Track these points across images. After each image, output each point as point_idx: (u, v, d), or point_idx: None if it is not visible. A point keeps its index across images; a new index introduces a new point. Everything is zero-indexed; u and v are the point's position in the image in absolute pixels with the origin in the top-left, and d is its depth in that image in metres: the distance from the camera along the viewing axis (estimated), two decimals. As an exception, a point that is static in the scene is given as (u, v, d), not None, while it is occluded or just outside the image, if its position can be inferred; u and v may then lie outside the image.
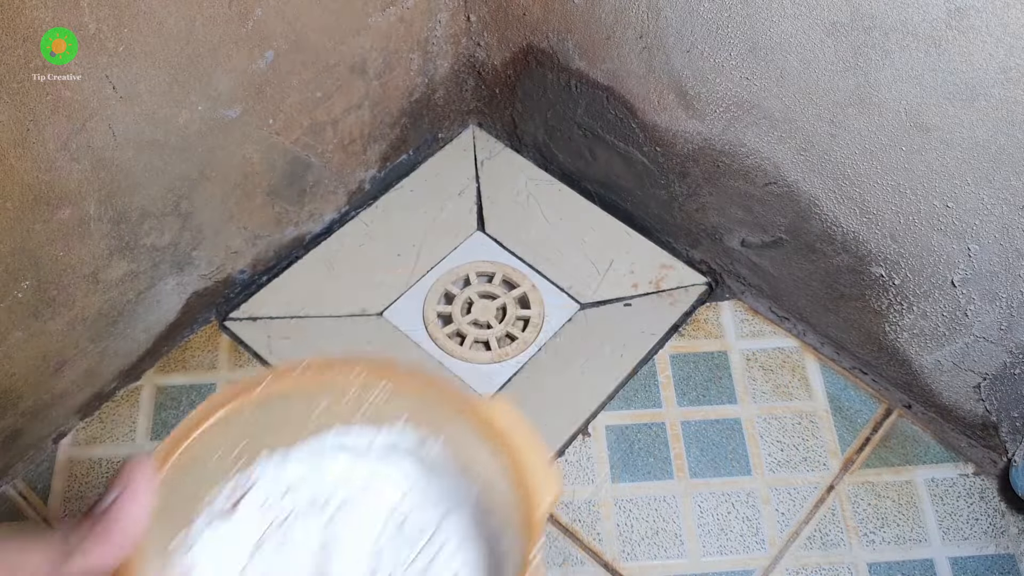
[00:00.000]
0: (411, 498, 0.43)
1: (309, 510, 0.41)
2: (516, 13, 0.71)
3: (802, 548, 0.65)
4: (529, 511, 0.38)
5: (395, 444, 0.42)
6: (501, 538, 0.41)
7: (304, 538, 0.41)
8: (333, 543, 0.41)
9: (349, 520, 0.42)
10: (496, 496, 0.40)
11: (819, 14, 0.53)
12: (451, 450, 0.42)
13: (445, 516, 0.42)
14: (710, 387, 0.72)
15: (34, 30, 0.46)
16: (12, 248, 0.54)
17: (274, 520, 0.41)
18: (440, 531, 0.42)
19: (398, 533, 0.42)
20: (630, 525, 0.66)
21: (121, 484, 0.32)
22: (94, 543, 0.31)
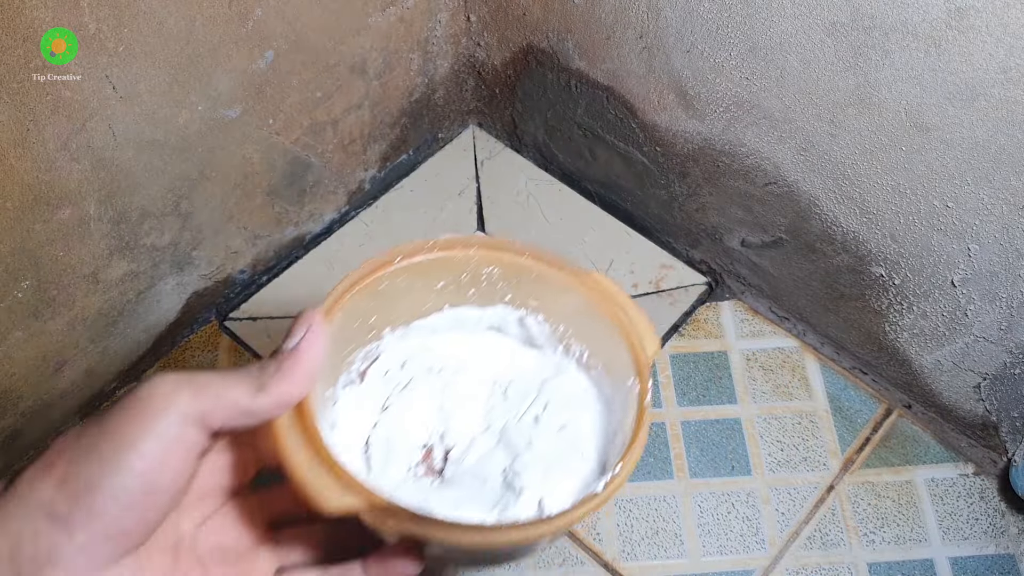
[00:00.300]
0: (512, 369, 0.48)
1: (426, 378, 0.46)
2: (516, 13, 0.71)
3: (802, 548, 0.65)
4: (637, 360, 0.43)
5: (499, 323, 0.47)
6: (605, 388, 0.46)
7: (424, 401, 0.46)
8: (449, 405, 0.46)
9: (461, 386, 0.47)
10: (600, 352, 0.46)
11: (819, 14, 0.53)
12: (551, 322, 0.47)
13: (545, 382, 0.48)
14: (710, 387, 0.72)
15: (34, 30, 0.46)
16: (12, 248, 0.54)
17: (396, 386, 0.46)
18: (543, 394, 0.47)
19: (504, 398, 0.47)
20: (630, 525, 0.66)
21: (302, 328, 0.36)
22: (281, 380, 0.35)
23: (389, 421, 0.45)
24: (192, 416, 0.32)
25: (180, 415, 0.32)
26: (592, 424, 0.46)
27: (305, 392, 0.36)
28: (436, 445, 0.46)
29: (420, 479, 0.45)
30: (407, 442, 0.46)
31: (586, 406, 0.47)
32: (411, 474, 0.45)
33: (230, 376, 0.34)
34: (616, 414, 0.45)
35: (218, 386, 0.33)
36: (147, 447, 0.31)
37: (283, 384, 0.35)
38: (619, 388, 0.45)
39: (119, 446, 0.31)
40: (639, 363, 0.42)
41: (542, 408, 0.47)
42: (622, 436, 0.43)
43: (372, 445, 0.45)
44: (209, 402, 0.33)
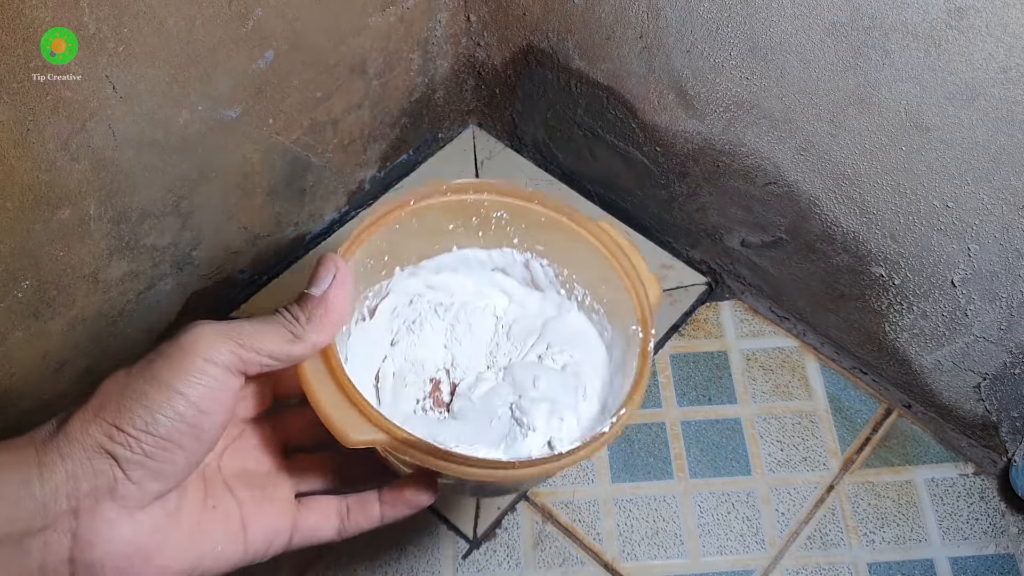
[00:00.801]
0: (516, 308, 0.50)
1: (433, 316, 0.48)
2: (516, 13, 0.71)
3: (802, 548, 0.65)
4: (639, 306, 0.44)
5: (504, 265, 0.48)
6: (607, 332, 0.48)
7: (431, 337, 0.48)
8: (455, 342, 0.48)
9: (466, 324, 0.48)
10: (603, 297, 0.47)
11: (819, 14, 0.53)
12: (555, 267, 0.48)
13: (547, 323, 0.49)
14: (710, 387, 0.72)
15: (34, 30, 0.46)
16: (12, 248, 0.54)
17: (404, 322, 0.48)
18: (545, 334, 0.49)
19: (507, 337, 0.49)
20: (630, 525, 0.66)
21: (327, 275, 0.39)
22: (313, 330, 0.38)
23: (398, 356, 0.47)
24: (232, 365, 0.35)
25: (222, 364, 0.35)
26: (593, 365, 0.48)
27: (334, 337, 0.39)
28: (443, 379, 0.48)
29: (428, 413, 0.47)
30: (415, 376, 0.47)
31: (587, 347, 0.49)
32: (420, 407, 0.47)
33: (265, 326, 0.37)
34: (617, 358, 0.47)
35: (254, 337, 0.36)
36: (193, 394, 0.34)
37: (315, 334, 0.38)
38: (620, 333, 0.46)
39: (167, 394, 0.34)
40: (642, 309, 0.44)
41: (545, 348, 0.49)
42: (621, 379, 0.45)
43: (382, 378, 0.47)
44: (247, 352, 0.36)
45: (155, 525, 0.35)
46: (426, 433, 0.43)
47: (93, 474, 0.33)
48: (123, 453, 0.34)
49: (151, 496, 0.35)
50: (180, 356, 0.35)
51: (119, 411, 0.34)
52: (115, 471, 0.34)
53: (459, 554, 0.65)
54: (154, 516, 0.36)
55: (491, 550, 0.65)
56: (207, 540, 0.38)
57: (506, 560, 0.64)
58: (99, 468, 0.33)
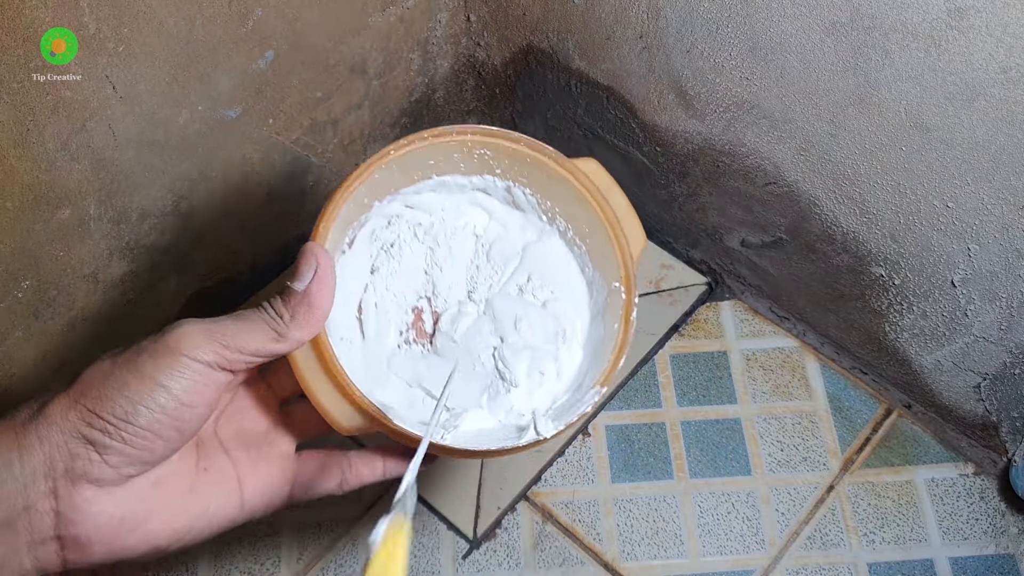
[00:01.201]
0: (496, 227, 0.49)
1: (411, 240, 0.47)
2: (516, 13, 0.71)
3: (802, 548, 0.65)
4: (623, 259, 0.45)
5: (485, 187, 0.47)
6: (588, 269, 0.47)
7: (410, 262, 0.47)
8: (434, 267, 0.48)
9: (446, 247, 0.48)
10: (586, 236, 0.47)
11: (819, 14, 0.53)
12: (537, 196, 0.47)
13: (528, 247, 0.48)
14: (710, 387, 0.72)
15: (34, 30, 0.46)
16: (12, 248, 0.54)
17: (383, 246, 0.47)
18: (526, 261, 0.48)
19: (487, 259, 0.48)
20: (630, 525, 0.66)
21: (308, 269, 0.38)
22: (298, 326, 0.38)
23: (378, 283, 0.47)
24: (217, 363, 0.36)
25: (206, 363, 0.36)
26: (575, 305, 0.48)
27: (319, 330, 0.39)
28: (425, 308, 0.48)
29: (412, 346, 0.47)
30: (396, 305, 0.47)
31: (568, 282, 0.48)
32: (403, 339, 0.47)
33: (249, 325, 0.37)
34: (598, 303, 0.47)
35: (239, 336, 0.36)
36: (176, 387, 0.35)
37: (298, 331, 0.38)
38: (603, 282, 0.46)
39: (150, 386, 0.35)
40: (625, 266, 0.45)
41: (526, 279, 0.48)
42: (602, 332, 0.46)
43: (364, 310, 0.46)
44: (231, 353, 0.36)
45: (138, 496, 0.36)
46: (411, 374, 0.45)
47: (69, 456, 0.34)
48: (101, 439, 0.34)
49: (128, 476, 0.36)
50: (165, 353, 0.35)
51: (100, 399, 0.34)
52: (91, 454, 0.34)
53: (459, 554, 0.65)
54: (136, 489, 0.36)
55: (491, 550, 0.65)
56: (198, 503, 0.39)
57: (506, 560, 0.64)
58: (75, 451, 0.34)
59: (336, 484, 0.43)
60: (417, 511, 0.66)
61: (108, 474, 0.35)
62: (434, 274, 0.48)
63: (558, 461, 0.68)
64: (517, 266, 0.49)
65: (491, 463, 0.67)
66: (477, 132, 0.44)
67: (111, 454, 0.35)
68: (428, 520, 0.66)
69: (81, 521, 0.35)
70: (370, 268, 0.47)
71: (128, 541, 0.36)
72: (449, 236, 0.48)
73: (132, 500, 0.36)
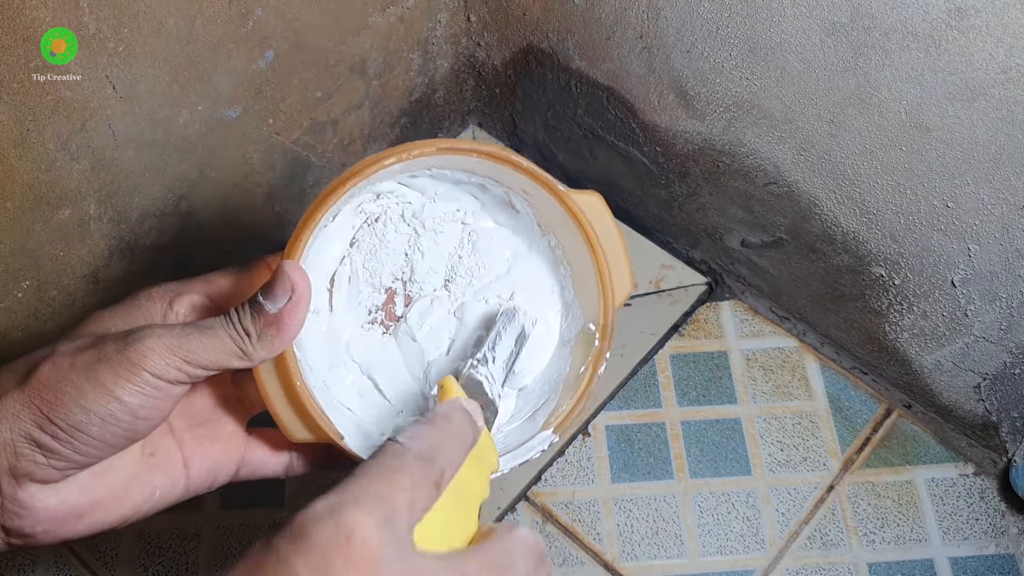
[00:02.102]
0: (486, 219, 0.47)
1: (399, 219, 0.46)
2: (516, 13, 0.71)
3: (802, 548, 0.65)
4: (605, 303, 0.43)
5: (483, 183, 0.45)
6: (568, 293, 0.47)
7: (393, 242, 0.46)
8: (415, 252, 0.47)
9: (431, 232, 0.47)
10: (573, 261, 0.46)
11: (819, 14, 0.53)
12: (535, 209, 0.46)
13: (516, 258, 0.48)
14: (710, 387, 0.72)
15: (34, 30, 0.46)
16: (12, 248, 0.54)
17: (367, 219, 0.46)
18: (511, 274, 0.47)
19: (473, 251, 0.47)
20: (630, 525, 0.66)
21: (284, 293, 0.37)
22: (264, 347, 0.37)
23: (356, 258, 0.46)
24: (175, 378, 0.35)
25: (167, 379, 0.35)
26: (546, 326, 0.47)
27: (284, 348, 0.38)
28: (399, 290, 0.47)
29: (374, 330, 0.47)
30: (370, 284, 0.46)
31: (545, 300, 0.47)
32: (371, 319, 0.47)
33: (213, 341, 0.36)
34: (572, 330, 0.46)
35: (202, 353, 0.36)
36: (133, 402, 0.34)
37: (264, 352, 0.37)
38: (580, 313, 0.46)
39: (106, 399, 0.34)
40: (606, 312, 0.44)
41: (509, 295, 0.47)
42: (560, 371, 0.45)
43: (337, 281, 0.45)
44: (194, 369, 0.36)
45: (82, 489, 0.36)
46: (366, 361, 0.45)
47: (15, 455, 0.34)
48: (50, 443, 0.34)
49: (72, 473, 0.36)
50: (127, 367, 0.34)
51: (54, 404, 0.34)
52: (37, 456, 0.34)
53: (459, 554, 0.65)
54: (80, 481, 0.36)
55: (491, 550, 0.65)
56: (144, 488, 0.38)
57: (506, 560, 0.64)
58: (21, 451, 0.34)
59: (283, 468, 0.43)
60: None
61: (52, 475, 0.35)
62: (414, 258, 0.47)
63: (558, 461, 0.68)
64: (503, 275, 0.48)
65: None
66: (483, 153, 0.42)
67: (58, 459, 0.34)
68: (428, 520, 0.66)
69: (25, 514, 0.35)
70: (350, 239, 0.46)
71: (74, 528, 0.36)
72: (437, 221, 0.47)
73: (75, 493, 0.36)
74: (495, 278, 0.47)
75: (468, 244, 0.47)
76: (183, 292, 0.40)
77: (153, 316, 0.40)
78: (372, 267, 0.46)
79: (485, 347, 0.39)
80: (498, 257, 0.48)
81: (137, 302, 0.40)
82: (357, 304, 0.46)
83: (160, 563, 0.64)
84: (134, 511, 0.38)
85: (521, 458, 0.42)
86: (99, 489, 0.37)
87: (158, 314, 0.40)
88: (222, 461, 0.41)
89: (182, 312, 0.40)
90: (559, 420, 0.43)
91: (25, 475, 0.34)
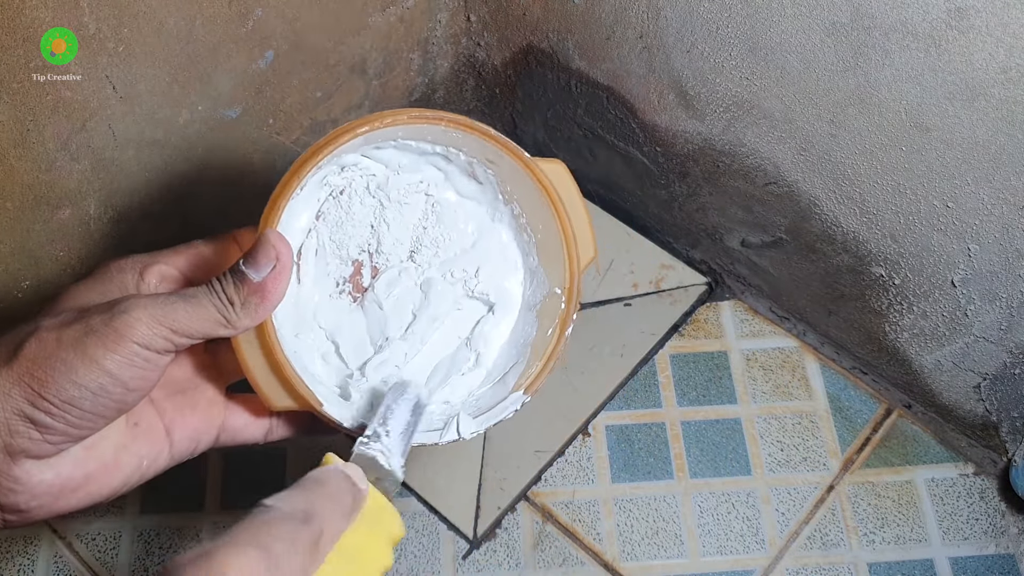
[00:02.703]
0: (451, 190, 0.48)
1: (364, 191, 0.47)
2: (516, 13, 0.71)
3: (802, 548, 0.65)
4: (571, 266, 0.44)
5: (447, 153, 0.46)
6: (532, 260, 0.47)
7: (359, 214, 0.47)
8: (382, 224, 0.47)
9: (396, 204, 0.47)
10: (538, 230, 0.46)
11: (819, 14, 0.53)
12: (498, 178, 0.46)
13: (481, 233, 0.48)
14: (710, 387, 0.72)
15: (34, 30, 0.46)
16: (12, 248, 0.54)
17: (333, 192, 0.46)
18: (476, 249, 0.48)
19: (438, 222, 0.48)
20: (630, 525, 0.66)
21: (268, 261, 0.38)
22: (248, 315, 0.37)
23: (322, 231, 0.46)
24: (163, 348, 0.36)
25: (155, 349, 0.36)
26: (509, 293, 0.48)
27: (267, 317, 0.39)
28: (366, 262, 0.48)
29: (342, 299, 0.47)
30: (337, 256, 0.47)
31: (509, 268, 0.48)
32: (339, 290, 0.47)
33: (198, 309, 0.37)
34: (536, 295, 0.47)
35: (187, 322, 0.36)
36: (123, 375, 0.35)
37: (247, 320, 0.38)
38: (545, 279, 0.46)
39: (96, 372, 0.34)
40: (572, 274, 0.45)
41: (474, 270, 0.48)
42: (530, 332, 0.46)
43: (304, 254, 0.46)
44: (179, 337, 0.36)
45: (75, 462, 0.36)
46: (333, 327, 0.46)
47: (9, 433, 0.34)
48: (44, 419, 0.34)
49: (65, 447, 0.36)
50: (114, 339, 0.34)
51: (45, 381, 0.34)
52: (32, 433, 0.34)
53: (459, 554, 0.65)
54: (73, 455, 0.36)
55: (491, 550, 0.65)
56: (133, 459, 0.39)
57: (506, 560, 0.64)
58: (15, 429, 0.34)
59: (262, 434, 0.43)
60: (417, 511, 0.66)
61: (47, 450, 0.35)
62: (380, 230, 0.48)
63: (558, 461, 0.68)
64: (468, 248, 0.48)
65: (491, 463, 0.67)
66: (452, 121, 0.44)
67: (52, 434, 0.35)
68: (428, 520, 0.66)
69: (21, 490, 0.35)
70: (316, 213, 0.46)
71: (68, 502, 0.37)
72: (401, 193, 0.47)
73: (69, 466, 0.36)
74: (460, 251, 0.48)
75: (433, 216, 0.48)
76: (152, 263, 0.41)
77: (127, 287, 0.40)
78: (339, 239, 0.47)
79: (375, 423, 0.40)
80: (463, 228, 0.48)
81: (109, 274, 0.40)
82: (325, 275, 0.47)
83: (160, 563, 0.64)
84: (124, 482, 0.39)
85: (493, 419, 0.43)
86: (91, 461, 0.37)
87: (131, 285, 0.40)
88: (202, 428, 0.42)
89: (153, 283, 0.40)
90: (529, 381, 0.44)
91: (21, 452, 0.34)
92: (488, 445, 0.68)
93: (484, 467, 0.67)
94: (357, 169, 0.46)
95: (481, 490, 0.67)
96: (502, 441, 0.68)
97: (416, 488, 0.67)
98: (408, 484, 0.67)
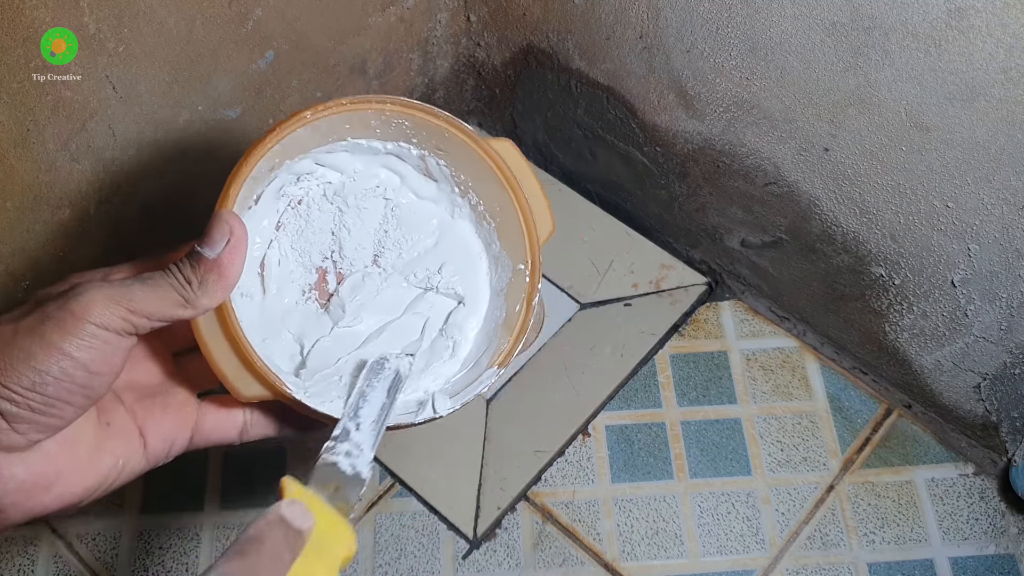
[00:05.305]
0: (407, 191, 0.49)
1: (321, 199, 0.47)
2: (516, 13, 0.71)
3: (802, 548, 0.65)
4: (529, 241, 0.45)
5: (399, 152, 0.47)
6: (495, 247, 0.48)
7: (318, 222, 0.47)
8: (342, 229, 0.48)
9: (355, 208, 0.48)
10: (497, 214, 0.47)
11: (819, 14, 0.53)
12: (452, 168, 0.47)
13: (442, 229, 0.49)
14: (710, 387, 0.72)
15: (34, 30, 0.46)
16: (12, 248, 0.54)
17: (290, 202, 0.47)
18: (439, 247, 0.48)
19: (398, 225, 0.48)
20: (630, 525, 0.66)
21: (222, 237, 0.38)
22: (206, 293, 0.38)
23: (283, 241, 0.47)
24: (123, 329, 0.36)
25: (113, 329, 0.35)
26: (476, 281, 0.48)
27: (226, 298, 0.39)
28: (330, 269, 0.48)
29: (309, 305, 0.47)
30: (300, 264, 0.47)
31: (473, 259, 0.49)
32: (305, 298, 0.47)
33: (155, 291, 0.37)
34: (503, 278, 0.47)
35: (144, 302, 0.36)
36: (83, 357, 0.35)
37: (206, 299, 0.38)
38: (508, 260, 0.47)
39: (56, 356, 0.34)
40: (531, 246, 0.45)
41: (437, 267, 0.48)
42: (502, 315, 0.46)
43: (267, 266, 0.46)
44: (137, 318, 0.36)
45: (47, 457, 0.36)
46: (300, 330, 0.46)
47: None
48: (8, 408, 0.34)
49: (36, 440, 0.36)
50: (71, 321, 0.34)
51: (4, 370, 0.34)
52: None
53: (459, 554, 0.65)
54: (45, 450, 0.36)
55: (491, 550, 0.65)
56: (108, 458, 0.39)
57: (506, 560, 0.64)
58: None
59: (236, 432, 0.43)
60: (417, 511, 0.66)
61: (17, 441, 0.35)
62: (341, 236, 0.48)
63: (558, 461, 0.68)
64: (431, 248, 0.49)
65: (491, 463, 0.67)
66: (396, 103, 0.44)
67: (19, 422, 0.34)
68: (428, 520, 0.66)
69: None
70: (276, 224, 0.47)
71: (42, 501, 0.36)
72: (359, 198, 0.48)
73: (41, 462, 0.36)
74: (424, 250, 0.49)
75: (393, 219, 0.49)
76: (114, 273, 0.41)
77: None
78: (300, 247, 0.47)
79: (345, 417, 0.40)
80: (424, 229, 0.49)
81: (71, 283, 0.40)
82: (290, 283, 0.47)
83: (160, 563, 0.64)
84: (99, 482, 0.38)
85: (467, 396, 0.43)
86: (62, 457, 0.37)
87: None
88: (176, 428, 0.42)
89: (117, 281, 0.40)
90: (501, 357, 0.44)
91: None
92: (488, 445, 0.68)
93: (484, 467, 0.67)
94: (313, 178, 0.47)
95: (481, 490, 0.67)
96: (502, 441, 0.68)
97: (416, 488, 0.67)
98: (408, 484, 0.67)
